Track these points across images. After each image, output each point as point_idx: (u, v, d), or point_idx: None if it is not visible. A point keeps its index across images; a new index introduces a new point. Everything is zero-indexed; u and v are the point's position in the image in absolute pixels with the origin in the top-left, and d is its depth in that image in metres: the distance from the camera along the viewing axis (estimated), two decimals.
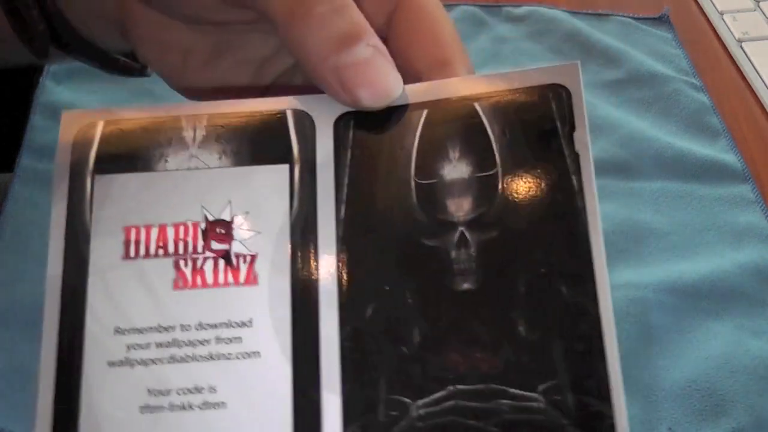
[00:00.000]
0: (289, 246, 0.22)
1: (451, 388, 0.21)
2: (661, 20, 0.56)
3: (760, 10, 0.56)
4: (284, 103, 0.23)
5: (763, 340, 0.37)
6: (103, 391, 0.21)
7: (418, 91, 0.23)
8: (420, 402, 0.21)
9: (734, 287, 0.39)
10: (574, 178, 0.22)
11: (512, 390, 0.21)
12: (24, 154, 0.42)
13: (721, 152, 0.46)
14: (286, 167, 0.23)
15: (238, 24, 0.26)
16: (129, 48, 0.30)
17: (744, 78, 0.52)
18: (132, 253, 0.22)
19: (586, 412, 0.20)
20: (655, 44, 0.54)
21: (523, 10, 0.56)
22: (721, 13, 0.56)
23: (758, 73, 0.51)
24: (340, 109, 0.23)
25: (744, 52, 0.53)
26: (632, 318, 0.37)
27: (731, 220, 0.42)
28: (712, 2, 0.57)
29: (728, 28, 0.55)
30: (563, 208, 0.22)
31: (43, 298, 0.21)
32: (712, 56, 0.54)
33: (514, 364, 0.21)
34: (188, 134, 0.23)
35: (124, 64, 0.31)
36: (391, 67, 0.23)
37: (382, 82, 0.22)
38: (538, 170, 0.22)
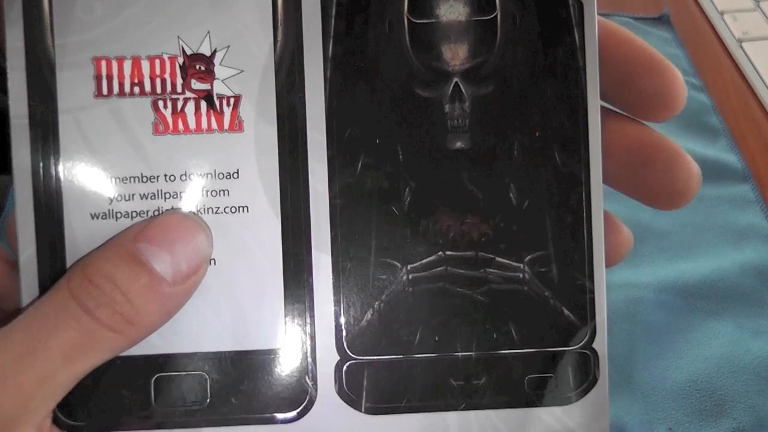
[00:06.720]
0: (275, 88, 0.20)
1: (441, 253, 0.20)
2: (661, 20, 0.56)
3: (760, 10, 0.56)
4: None
5: (763, 340, 0.36)
6: (88, 244, 0.19)
7: None
8: (410, 266, 0.20)
9: (734, 287, 0.39)
10: (576, 31, 0.20)
11: (499, 259, 0.20)
12: None
13: (721, 152, 0.46)
14: None
15: None
16: None
17: (744, 78, 0.52)
18: (105, 90, 0.19)
19: (569, 286, 0.20)
20: (655, 44, 0.53)
21: None
22: (721, 13, 0.56)
23: (758, 73, 0.51)
24: None
25: (744, 52, 0.53)
26: (632, 318, 0.37)
27: (731, 220, 0.42)
28: (712, 2, 0.57)
29: (728, 28, 0.55)
30: (563, 66, 0.20)
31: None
32: (712, 56, 0.54)
33: (503, 233, 0.20)
34: None
35: None
36: None
37: None
38: (540, 19, 0.20)
